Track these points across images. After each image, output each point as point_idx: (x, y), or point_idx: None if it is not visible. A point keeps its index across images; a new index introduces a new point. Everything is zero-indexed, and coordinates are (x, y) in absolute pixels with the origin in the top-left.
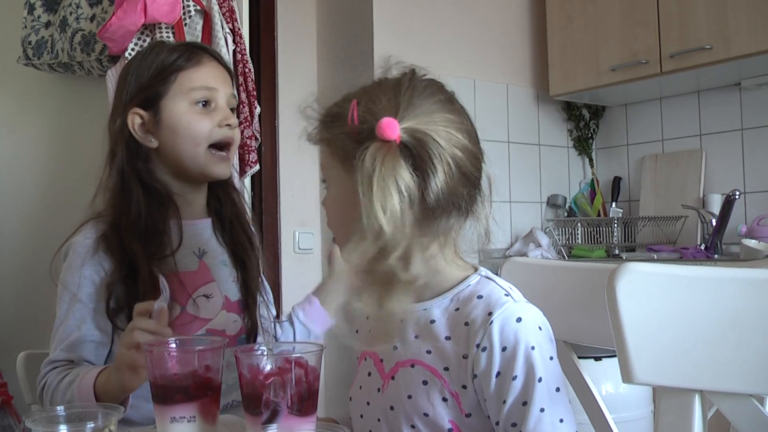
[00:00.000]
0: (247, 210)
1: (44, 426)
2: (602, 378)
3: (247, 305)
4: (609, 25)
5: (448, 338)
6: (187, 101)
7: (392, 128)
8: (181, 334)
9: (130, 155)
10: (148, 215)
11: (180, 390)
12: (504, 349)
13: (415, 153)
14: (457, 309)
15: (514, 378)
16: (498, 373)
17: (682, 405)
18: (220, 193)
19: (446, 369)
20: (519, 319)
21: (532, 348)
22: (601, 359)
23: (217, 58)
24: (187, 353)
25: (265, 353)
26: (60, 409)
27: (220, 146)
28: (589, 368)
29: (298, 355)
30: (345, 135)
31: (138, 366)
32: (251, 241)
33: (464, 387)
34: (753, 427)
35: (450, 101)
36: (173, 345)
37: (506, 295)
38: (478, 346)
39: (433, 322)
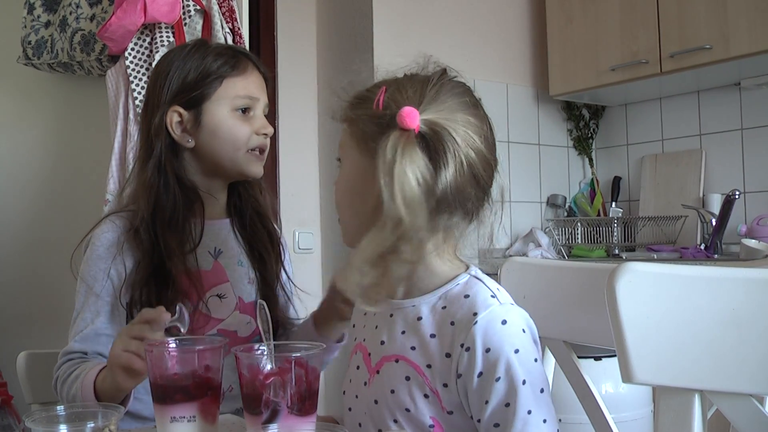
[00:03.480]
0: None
1: (44, 426)
2: (602, 378)
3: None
4: (609, 25)
5: (433, 336)
6: (229, 107)
7: (412, 118)
8: (192, 333)
9: (167, 151)
10: (182, 211)
11: (180, 390)
12: (487, 350)
13: (431, 145)
14: (444, 307)
15: (497, 379)
16: (480, 374)
17: (681, 405)
18: (241, 191)
19: (429, 366)
20: (504, 322)
21: (516, 351)
22: (601, 359)
23: (258, 67)
24: (187, 353)
25: (265, 353)
26: (60, 409)
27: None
28: (589, 368)
29: (298, 355)
30: (367, 118)
31: (134, 368)
32: (271, 236)
33: (445, 385)
34: (753, 426)
35: (475, 106)
36: (173, 345)
37: (492, 296)
38: (462, 346)
39: (420, 318)
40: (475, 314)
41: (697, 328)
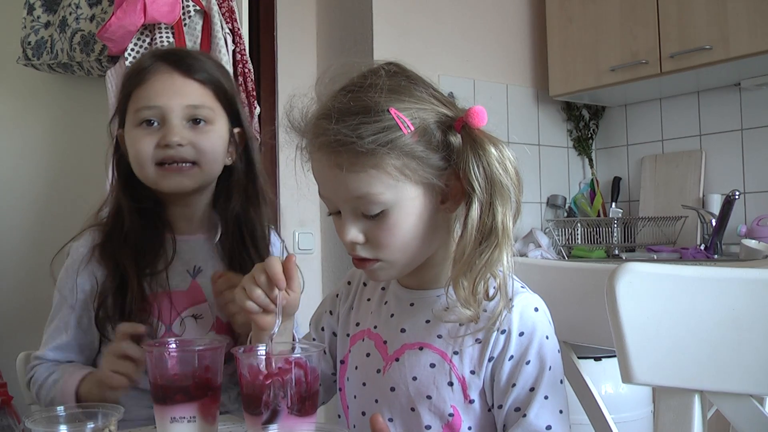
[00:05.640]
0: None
1: (44, 426)
2: (602, 378)
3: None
4: (609, 25)
5: (461, 324)
6: (135, 121)
7: (484, 113)
8: None
9: (119, 168)
10: (140, 229)
11: (180, 390)
12: (521, 334)
13: None
14: None
15: (528, 363)
16: (511, 357)
17: (681, 405)
18: (222, 202)
19: (456, 353)
20: (536, 309)
21: (546, 337)
22: (601, 359)
23: (178, 66)
24: (187, 353)
25: (265, 353)
26: (60, 409)
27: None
28: (589, 368)
29: (298, 355)
30: (408, 146)
31: (115, 387)
32: (257, 248)
33: (473, 372)
34: (753, 427)
35: None
36: (173, 345)
37: (522, 287)
38: (497, 329)
39: (447, 308)
40: (510, 300)
41: (696, 329)
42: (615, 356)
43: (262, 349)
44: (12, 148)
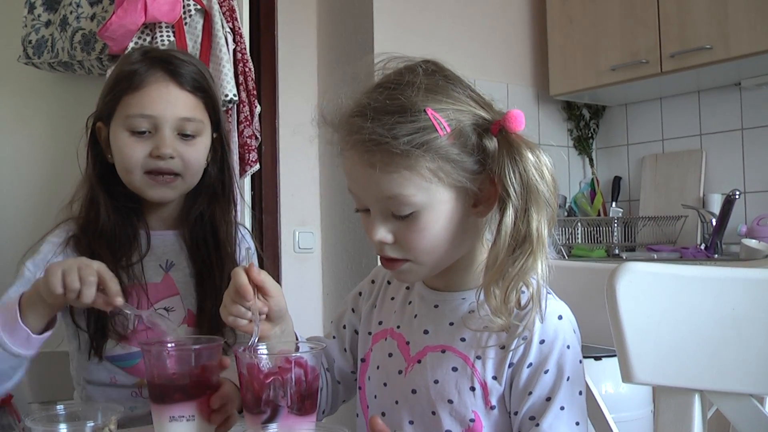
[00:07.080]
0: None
1: (44, 425)
2: (602, 377)
3: (208, 319)
4: (609, 25)
5: (486, 327)
6: (124, 127)
7: (522, 117)
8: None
9: (96, 164)
10: (115, 223)
11: (178, 389)
12: (542, 342)
13: None
14: None
15: (546, 372)
16: (530, 364)
17: (681, 404)
18: (198, 204)
19: (478, 358)
20: (560, 317)
21: (568, 347)
22: (601, 359)
23: (173, 76)
24: (185, 352)
25: (265, 353)
26: (60, 408)
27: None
28: (589, 368)
29: (298, 354)
30: (443, 149)
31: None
32: (219, 254)
33: (494, 378)
34: (753, 426)
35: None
36: (171, 344)
37: (548, 292)
38: (518, 335)
39: (472, 311)
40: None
41: (696, 328)
42: (615, 355)
43: (262, 348)
44: (13, 146)
